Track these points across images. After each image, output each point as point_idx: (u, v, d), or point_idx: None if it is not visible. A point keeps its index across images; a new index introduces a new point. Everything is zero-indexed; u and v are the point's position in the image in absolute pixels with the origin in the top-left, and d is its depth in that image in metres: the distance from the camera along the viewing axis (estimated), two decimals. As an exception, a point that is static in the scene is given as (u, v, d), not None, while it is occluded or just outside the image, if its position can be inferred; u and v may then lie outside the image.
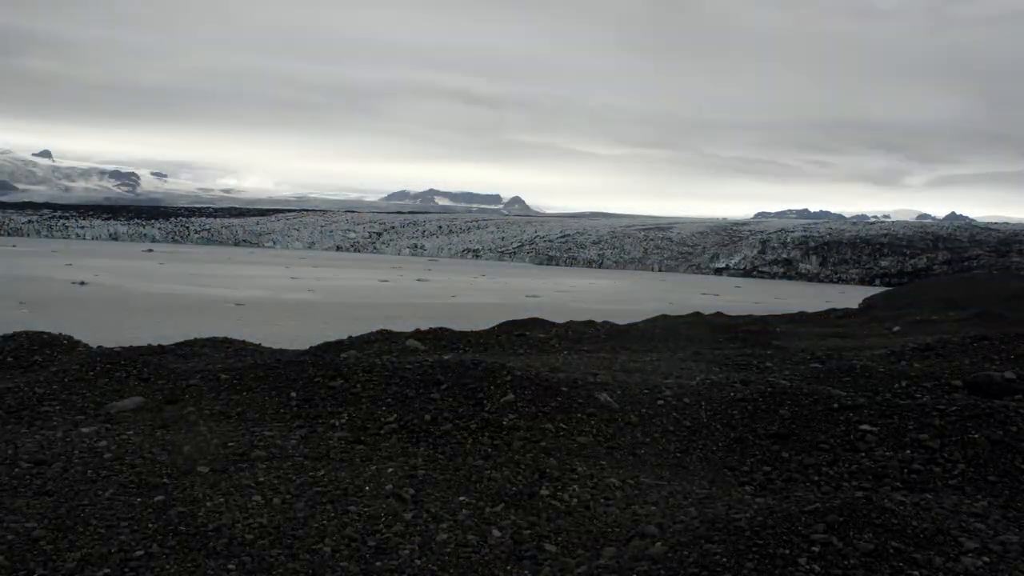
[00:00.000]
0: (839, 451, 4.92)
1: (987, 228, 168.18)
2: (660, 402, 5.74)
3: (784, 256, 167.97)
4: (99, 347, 8.33)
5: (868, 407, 5.29)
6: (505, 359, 8.51)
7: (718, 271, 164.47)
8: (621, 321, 18.22)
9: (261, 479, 4.41)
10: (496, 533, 3.87)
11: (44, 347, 7.84)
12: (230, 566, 3.43)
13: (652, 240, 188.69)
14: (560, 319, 18.35)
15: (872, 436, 4.97)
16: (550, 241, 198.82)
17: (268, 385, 6.23)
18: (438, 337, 11.07)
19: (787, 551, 3.28)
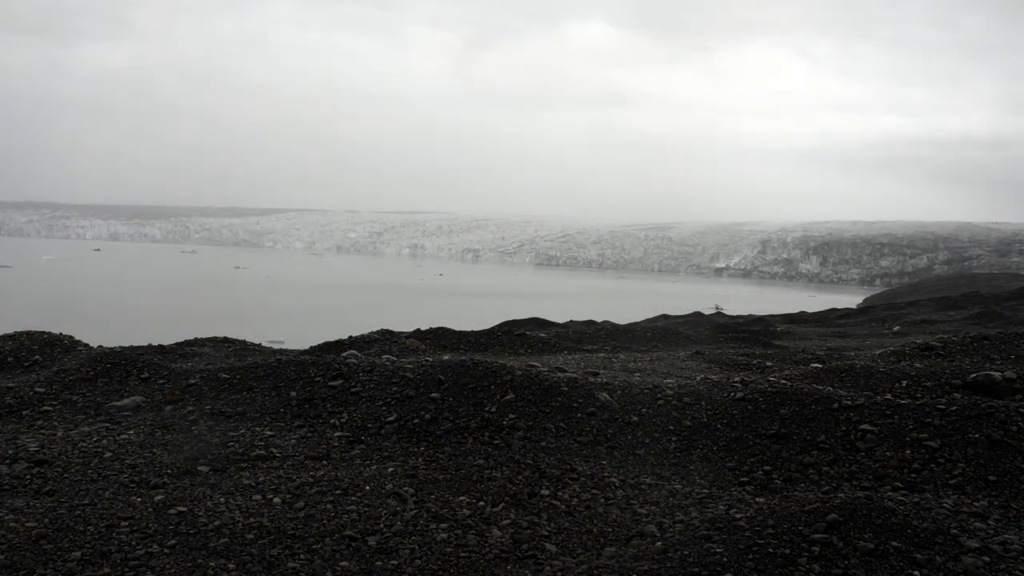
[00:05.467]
0: (839, 451, 4.92)
1: (987, 228, 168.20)
2: (660, 401, 5.74)
3: (784, 256, 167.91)
4: (99, 347, 8.33)
5: (868, 407, 5.29)
6: (505, 359, 8.51)
7: (718, 271, 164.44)
8: (622, 321, 18.24)
9: (261, 479, 4.42)
10: (496, 533, 3.87)
11: (44, 347, 7.85)
12: (230, 565, 3.44)
13: (652, 240, 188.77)
14: (560, 319, 18.36)
15: (872, 436, 4.97)
16: (550, 241, 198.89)
17: (268, 385, 6.23)
18: (438, 337, 11.08)
19: (787, 551, 3.28)
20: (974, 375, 6.48)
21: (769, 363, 9.44)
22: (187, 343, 9.35)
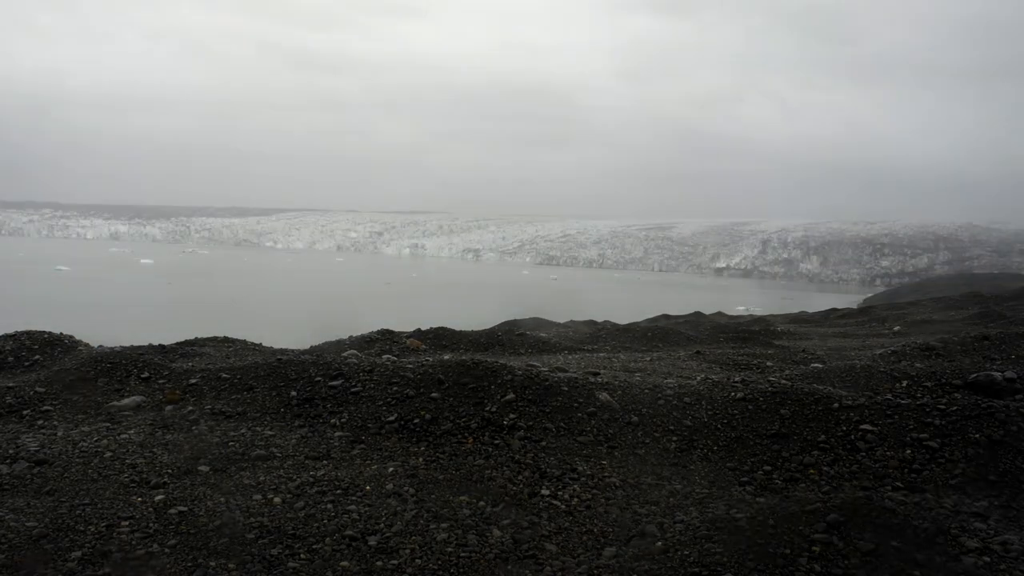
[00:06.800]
0: (840, 451, 4.91)
1: (988, 228, 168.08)
2: (661, 401, 5.74)
3: (785, 256, 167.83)
4: (100, 346, 8.34)
5: (869, 407, 5.29)
6: (506, 359, 8.51)
7: (718, 271, 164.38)
8: (622, 321, 18.23)
9: (261, 478, 4.42)
10: (496, 533, 3.87)
11: (45, 346, 7.85)
12: (230, 565, 3.44)
13: (653, 240, 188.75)
14: (561, 319, 18.36)
15: (873, 436, 4.97)
16: (551, 241, 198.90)
17: (269, 384, 6.23)
18: (438, 337, 11.07)
19: (788, 550, 3.28)
20: (975, 375, 6.48)
21: (769, 363, 9.43)
22: (188, 343, 9.35)
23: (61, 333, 8.43)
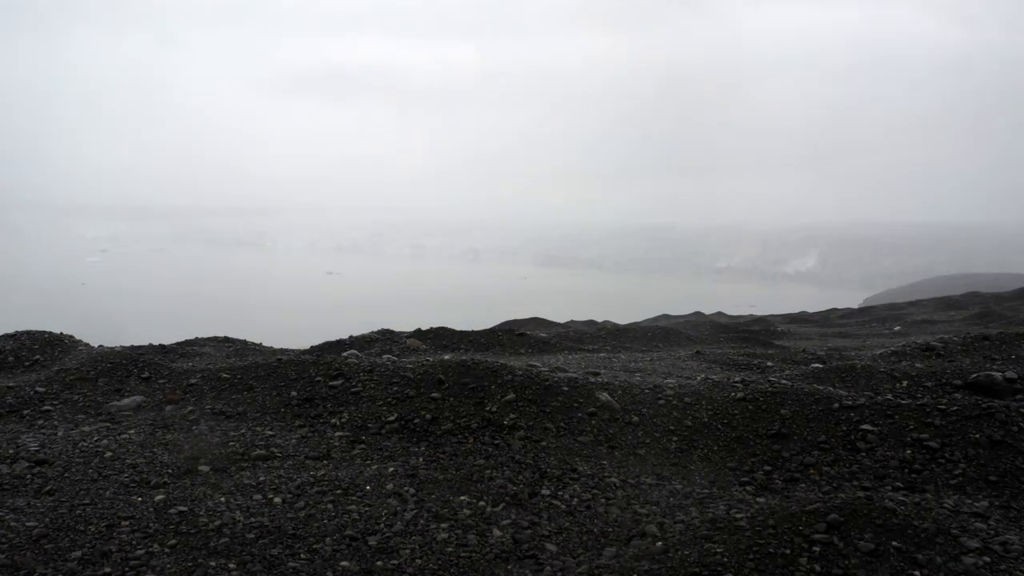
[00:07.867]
0: (840, 451, 4.91)
1: (989, 228, 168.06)
2: (661, 401, 5.74)
3: (785, 256, 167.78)
4: (100, 346, 8.34)
5: (869, 407, 5.29)
6: (506, 359, 8.51)
7: (719, 271, 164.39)
8: (622, 320, 18.22)
9: (262, 478, 4.42)
10: (497, 533, 3.87)
11: (45, 346, 7.85)
12: (231, 565, 3.44)
13: (653, 240, 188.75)
14: (561, 319, 18.36)
15: (873, 436, 4.97)
16: (551, 241, 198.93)
17: (269, 384, 6.23)
18: (439, 336, 11.06)
19: (788, 551, 3.28)
20: (975, 375, 6.48)
21: (770, 363, 9.43)
22: (188, 343, 9.35)
23: (61, 333, 8.44)
